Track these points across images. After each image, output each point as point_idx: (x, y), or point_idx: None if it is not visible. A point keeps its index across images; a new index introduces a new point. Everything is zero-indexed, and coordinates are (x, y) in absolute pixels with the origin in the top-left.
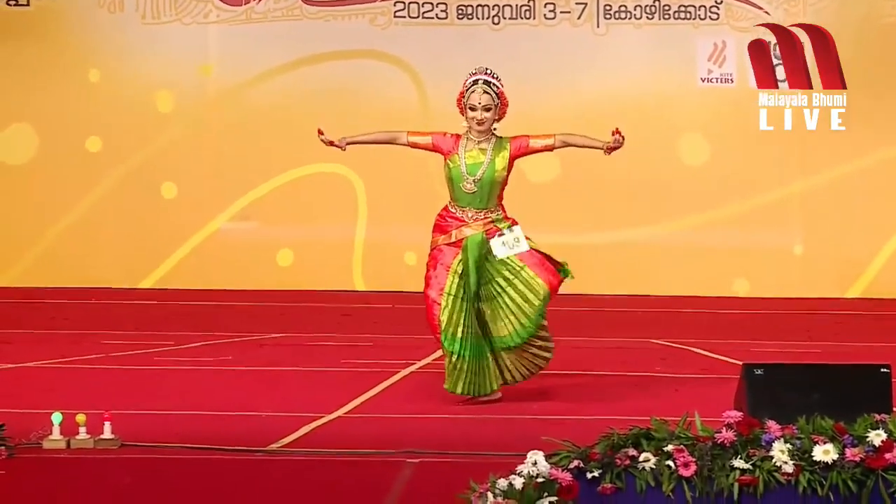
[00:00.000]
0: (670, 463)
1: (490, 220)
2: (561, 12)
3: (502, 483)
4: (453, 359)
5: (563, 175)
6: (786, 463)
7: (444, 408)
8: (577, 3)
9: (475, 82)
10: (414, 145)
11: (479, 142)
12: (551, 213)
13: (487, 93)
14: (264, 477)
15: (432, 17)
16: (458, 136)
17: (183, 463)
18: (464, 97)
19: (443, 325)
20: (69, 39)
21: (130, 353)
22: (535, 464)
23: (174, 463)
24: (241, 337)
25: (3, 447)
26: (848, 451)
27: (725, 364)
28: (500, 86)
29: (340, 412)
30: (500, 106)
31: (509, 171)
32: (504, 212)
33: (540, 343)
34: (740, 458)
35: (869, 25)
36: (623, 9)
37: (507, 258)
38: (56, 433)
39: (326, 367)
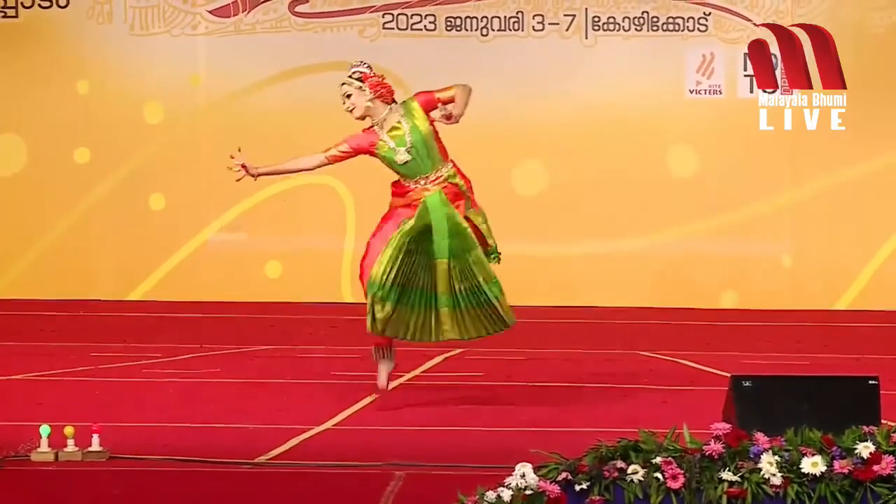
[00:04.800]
0: (658, 475)
1: (443, 177)
2: (549, 24)
3: (490, 495)
4: (375, 303)
5: (550, 187)
6: (774, 475)
7: (433, 420)
8: (565, 15)
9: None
10: (336, 159)
11: (384, 120)
12: (539, 224)
13: (345, 83)
14: (252, 490)
15: (421, 29)
16: (371, 128)
17: (171, 475)
18: None
19: (379, 269)
20: (58, 51)
21: (119, 365)
22: (523, 476)
23: (162, 475)
24: (230, 349)
25: None
26: (836, 463)
27: (713, 376)
28: (361, 70)
29: (328, 424)
30: (366, 87)
31: (431, 122)
32: (456, 167)
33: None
34: (728, 471)
35: (859, 34)
36: (612, 20)
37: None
38: (44, 446)
39: (315, 380)
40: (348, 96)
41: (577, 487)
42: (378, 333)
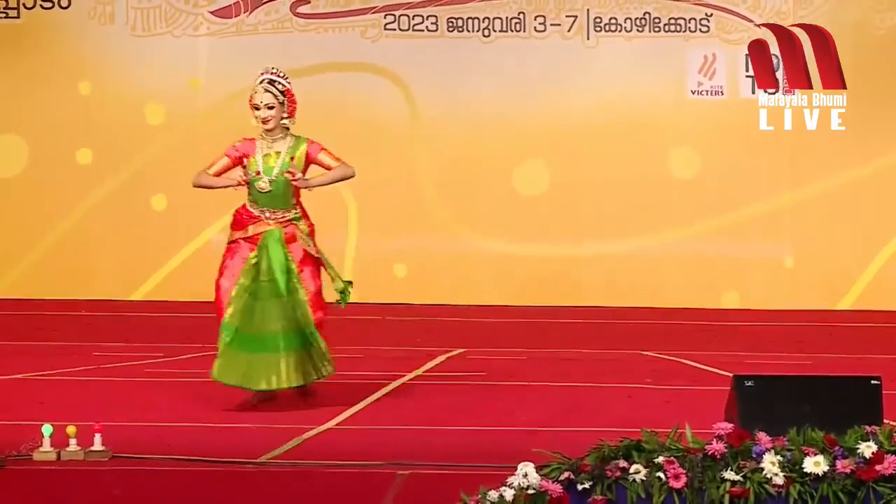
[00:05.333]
0: (661, 475)
1: (287, 219)
2: (551, 25)
3: (493, 495)
4: (226, 345)
5: (552, 187)
6: (776, 475)
7: (435, 419)
8: (567, 16)
9: (259, 82)
10: (219, 174)
11: (272, 141)
12: (541, 225)
13: (269, 91)
14: (255, 489)
15: (423, 30)
16: (253, 140)
17: (173, 475)
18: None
19: (228, 312)
20: (60, 52)
21: (121, 364)
22: (525, 475)
23: (164, 475)
24: None
25: None
26: (838, 463)
27: (716, 376)
28: (285, 84)
29: (330, 424)
30: (286, 104)
31: (305, 170)
32: (303, 211)
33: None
34: (731, 470)
35: (859, 34)
36: (613, 21)
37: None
38: (46, 445)
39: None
40: (270, 108)
41: (580, 487)
42: (214, 380)
